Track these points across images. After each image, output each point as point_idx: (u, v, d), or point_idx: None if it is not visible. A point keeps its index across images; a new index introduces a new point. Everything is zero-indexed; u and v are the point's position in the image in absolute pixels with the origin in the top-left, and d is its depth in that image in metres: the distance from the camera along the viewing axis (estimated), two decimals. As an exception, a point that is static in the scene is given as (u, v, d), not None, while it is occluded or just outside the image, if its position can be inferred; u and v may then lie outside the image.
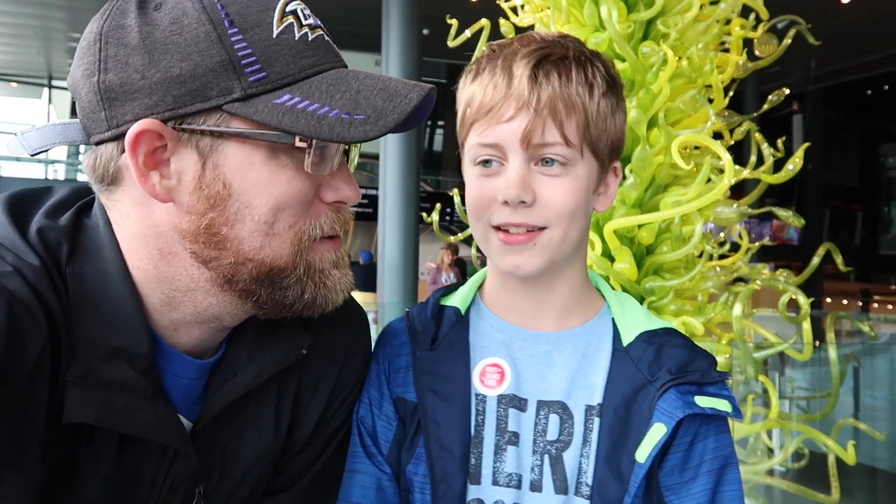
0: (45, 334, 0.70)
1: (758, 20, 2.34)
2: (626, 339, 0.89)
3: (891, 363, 5.16)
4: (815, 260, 2.24)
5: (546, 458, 0.87)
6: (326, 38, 0.81)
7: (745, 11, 2.33)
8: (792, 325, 2.22)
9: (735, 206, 2.26)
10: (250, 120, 0.73)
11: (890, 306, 15.57)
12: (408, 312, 0.97)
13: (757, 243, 2.48)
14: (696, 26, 2.12)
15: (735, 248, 2.46)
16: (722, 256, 2.44)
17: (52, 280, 0.74)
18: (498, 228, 0.86)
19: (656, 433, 0.82)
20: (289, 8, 0.77)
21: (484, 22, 2.38)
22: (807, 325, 2.04)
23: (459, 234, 2.72)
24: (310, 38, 0.78)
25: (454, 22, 2.48)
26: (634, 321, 0.91)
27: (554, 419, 0.87)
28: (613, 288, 0.98)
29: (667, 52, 1.98)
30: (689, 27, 2.10)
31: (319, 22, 0.81)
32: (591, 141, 0.85)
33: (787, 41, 2.36)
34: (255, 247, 0.77)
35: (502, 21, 2.44)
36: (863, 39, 13.54)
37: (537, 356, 0.90)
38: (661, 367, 0.86)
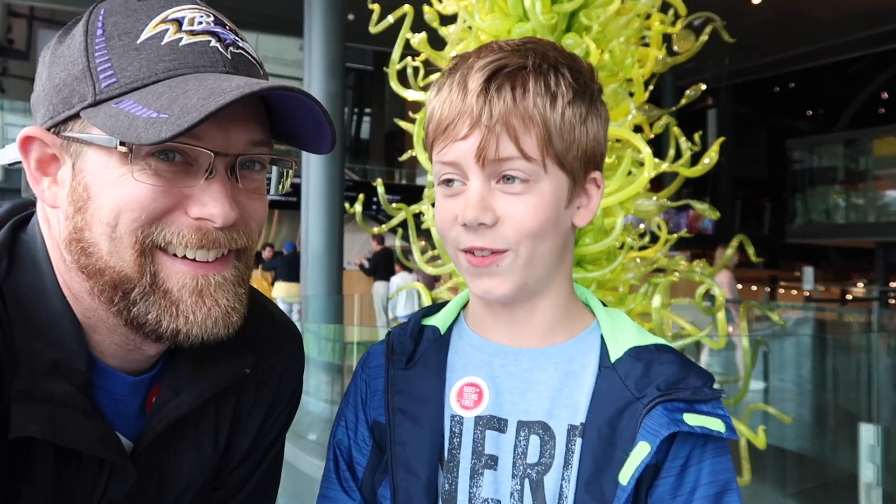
0: None
1: (676, 16, 2.39)
2: (614, 354, 0.84)
3: (797, 346, 5.46)
4: (730, 251, 2.32)
5: (527, 482, 0.81)
6: (214, 43, 0.75)
7: (665, 7, 2.37)
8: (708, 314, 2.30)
9: (654, 198, 2.30)
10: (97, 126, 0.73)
11: (794, 291, 16.50)
12: (389, 333, 0.93)
13: (675, 234, 2.55)
14: (618, 20, 2.14)
15: (654, 239, 2.51)
16: (642, 248, 2.50)
17: None
18: (465, 251, 0.82)
19: (640, 452, 0.76)
20: (174, 16, 0.75)
21: (406, 8, 2.33)
22: (721, 316, 2.10)
23: (384, 226, 2.67)
24: (182, 44, 0.74)
25: (376, 7, 2.42)
26: (624, 337, 0.85)
27: (535, 440, 0.82)
28: (605, 304, 0.93)
29: (589, 44, 1.99)
30: (611, 20, 2.11)
31: (220, 30, 0.76)
32: (555, 154, 0.79)
33: (704, 37, 2.41)
34: (105, 251, 0.74)
35: (426, 8, 2.40)
36: (772, 39, 14.23)
37: (518, 374, 0.85)
38: (650, 383, 0.80)
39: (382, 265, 10.44)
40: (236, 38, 0.78)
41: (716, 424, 0.77)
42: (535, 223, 0.79)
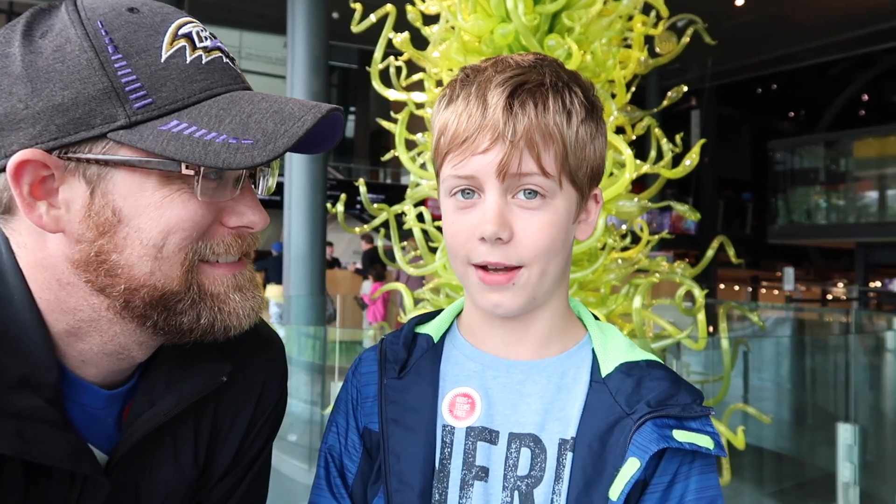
0: None
1: (658, 18, 2.40)
2: (605, 370, 0.84)
3: (776, 346, 5.50)
4: (710, 252, 2.33)
5: (516, 494, 0.81)
6: (225, 59, 0.79)
7: (647, 9, 2.38)
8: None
9: (636, 199, 2.31)
10: (136, 147, 0.72)
11: (776, 292, 16.67)
12: (382, 340, 0.93)
13: (656, 236, 2.56)
14: (600, 21, 2.15)
15: (636, 239, 2.52)
16: (624, 249, 2.50)
17: None
18: (477, 266, 0.82)
19: (630, 468, 0.77)
20: (182, 31, 0.75)
21: (389, 8, 2.32)
22: (701, 317, 2.12)
23: (365, 226, 2.67)
24: (203, 62, 0.76)
25: (358, 6, 2.41)
26: (615, 352, 0.86)
27: (525, 453, 0.82)
28: (597, 318, 0.94)
29: (571, 45, 1.99)
30: (593, 22, 2.12)
31: (219, 43, 0.79)
32: (569, 170, 0.80)
33: (686, 39, 2.43)
34: (145, 272, 0.75)
35: (409, 7, 2.39)
36: (755, 40, 14.36)
37: (510, 385, 0.85)
38: (641, 399, 0.81)
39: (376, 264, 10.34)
40: (225, 47, 0.81)
41: (704, 441, 0.78)
42: (549, 240, 0.80)
